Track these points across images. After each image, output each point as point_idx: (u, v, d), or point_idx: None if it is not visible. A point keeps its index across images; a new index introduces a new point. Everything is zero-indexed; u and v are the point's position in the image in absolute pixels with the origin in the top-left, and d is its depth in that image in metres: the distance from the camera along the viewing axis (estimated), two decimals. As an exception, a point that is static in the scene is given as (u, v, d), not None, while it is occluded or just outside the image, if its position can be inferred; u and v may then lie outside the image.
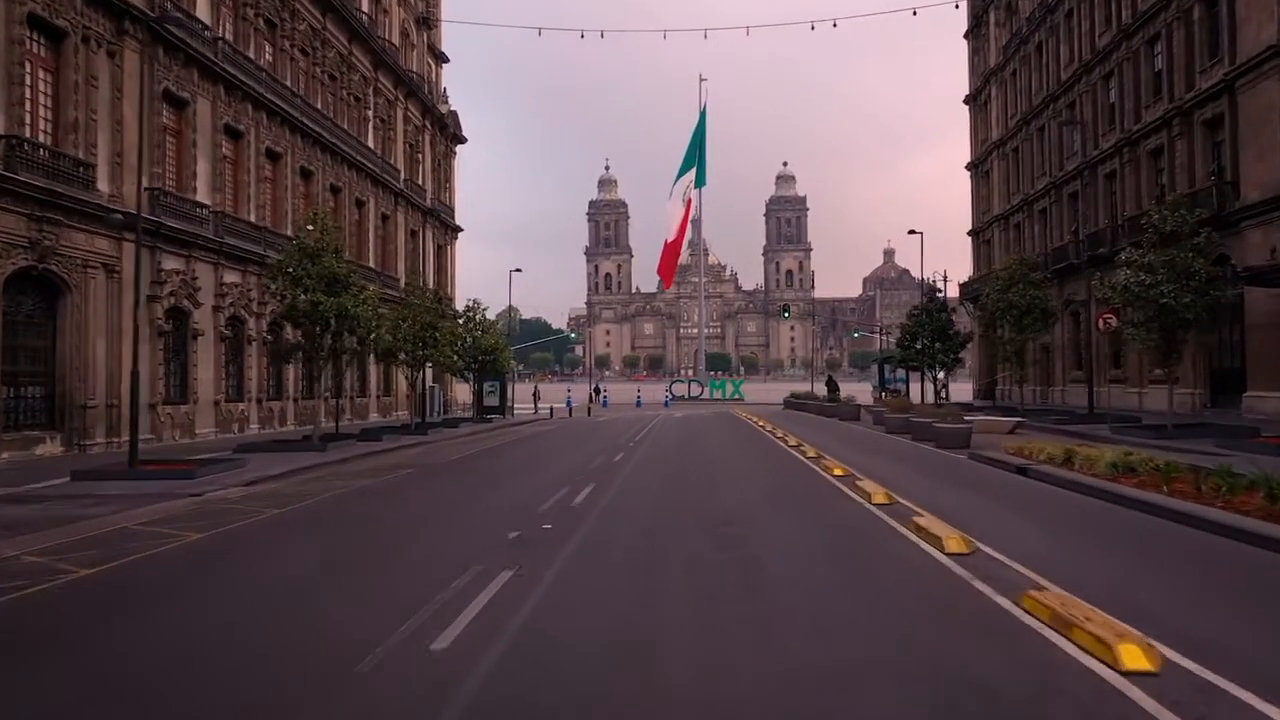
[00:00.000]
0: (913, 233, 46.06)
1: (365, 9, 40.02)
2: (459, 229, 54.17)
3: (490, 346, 38.19)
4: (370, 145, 40.29)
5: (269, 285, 24.35)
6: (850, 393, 47.86)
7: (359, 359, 34.96)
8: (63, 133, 21.16)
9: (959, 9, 55.04)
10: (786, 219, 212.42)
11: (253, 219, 29.41)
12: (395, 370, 37.94)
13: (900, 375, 48.97)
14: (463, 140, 55.20)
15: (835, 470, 15.37)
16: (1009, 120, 48.71)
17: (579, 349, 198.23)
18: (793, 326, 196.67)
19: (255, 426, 29.20)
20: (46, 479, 15.36)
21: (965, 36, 56.58)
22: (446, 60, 53.44)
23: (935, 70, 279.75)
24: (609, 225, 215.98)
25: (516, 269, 54.09)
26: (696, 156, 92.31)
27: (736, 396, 71.83)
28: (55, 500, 13.39)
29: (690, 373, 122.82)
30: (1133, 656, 4.84)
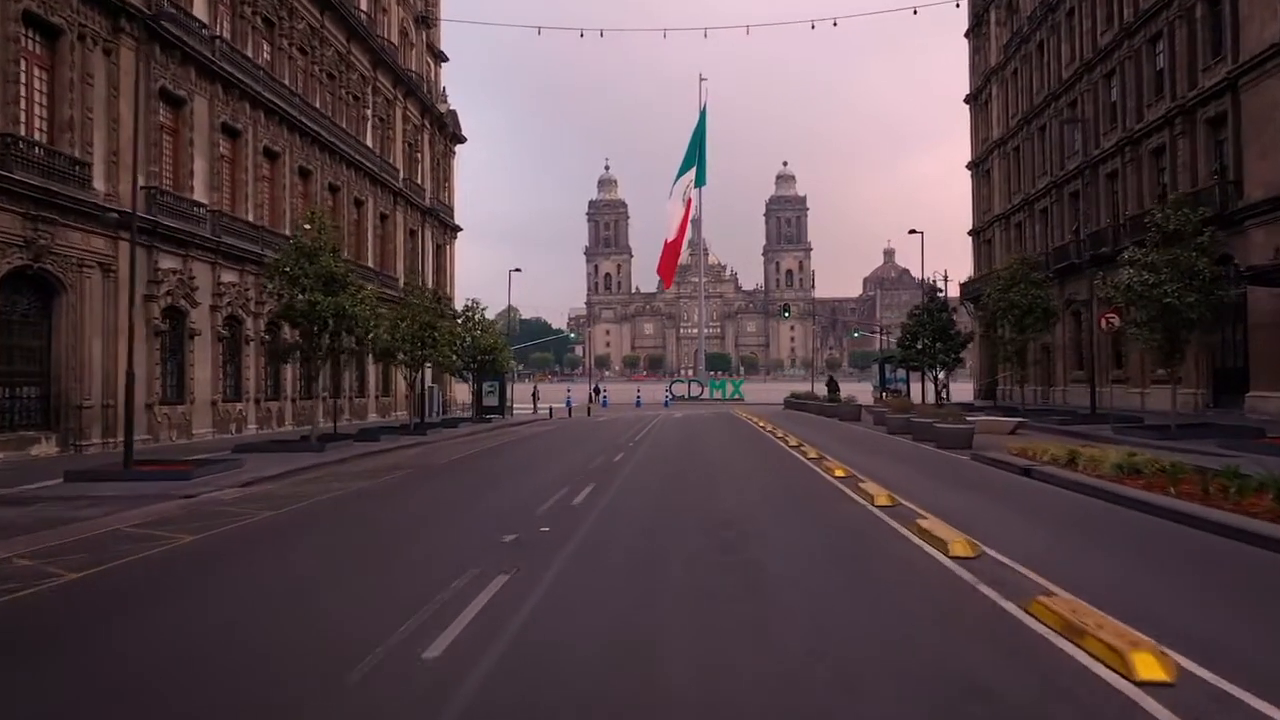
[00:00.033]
0: (913, 232, 45.94)
1: (364, 8, 39.87)
2: (458, 228, 54.03)
3: (489, 346, 38.09)
4: (369, 144, 40.15)
5: (266, 285, 24.23)
6: (850, 393, 47.70)
7: (357, 359, 34.87)
8: (58, 131, 21.02)
9: (959, 8, 54.89)
10: (786, 219, 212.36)
11: (250, 218, 29.26)
12: (394, 370, 37.83)
13: (901, 375, 48.83)
14: (462, 139, 55.06)
15: (837, 471, 15.22)
16: (1010, 119, 48.58)
17: (579, 349, 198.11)
18: (793, 326, 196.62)
19: (253, 427, 29.07)
20: (40, 480, 15.23)
21: (966, 35, 56.45)
22: (446, 59, 53.31)
23: (936, 69, 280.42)
24: (609, 225, 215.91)
25: (516, 269, 54.02)
26: (696, 156, 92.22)
27: (736, 396, 71.69)
28: (48, 501, 13.26)
29: (690, 373, 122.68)
30: (1147, 666, 4.68)
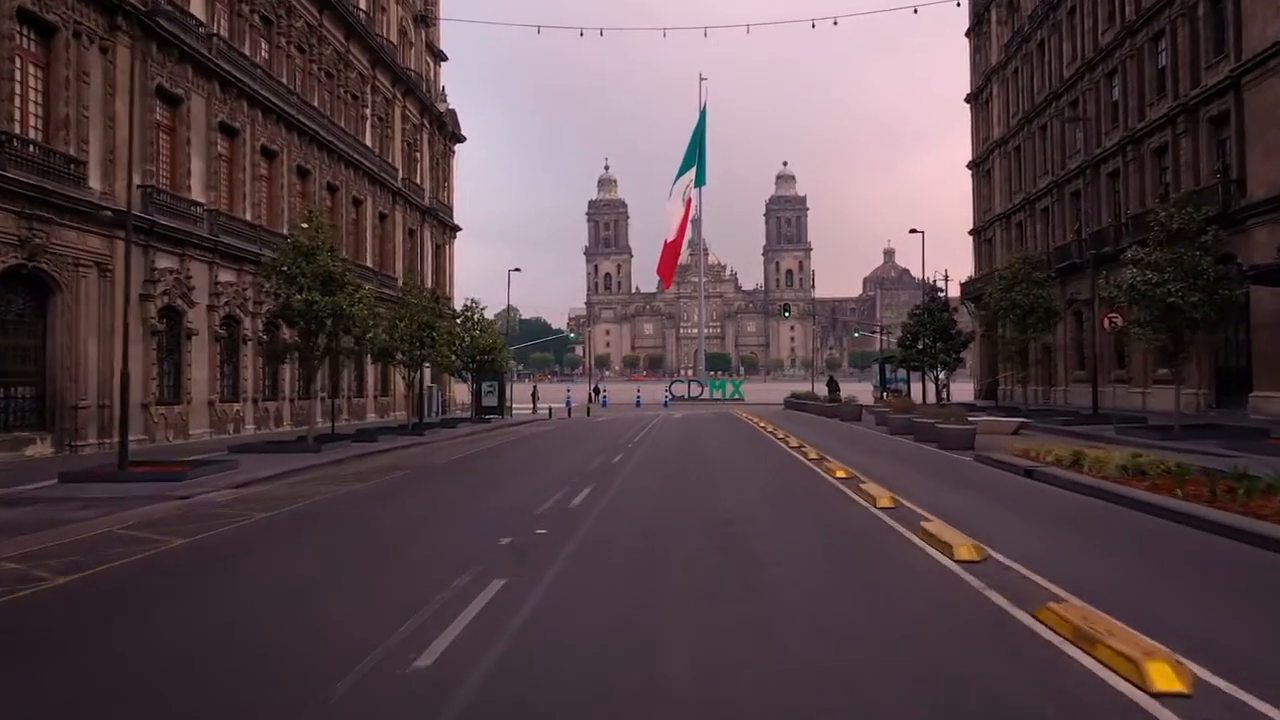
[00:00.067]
0: (914, 232, 45.73)
1: (363, 6, 39.69)
2: (457, 228, 53.87)
3: (488, 346, 37.94)
4: (368, 144, 39.98)
5: (264, 284, 24.07)
6: (851, 393, 47.53)
7: (356, 359, 34.71)
8: (54, 129, 20.85)
9: (960, 7, 54.78)
10: (786, 219, 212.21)
11: (248, 217, 29.09)
12: (393, 370, 37.66)
13: (901, 375, 48.71)
14: (461, 139, 54.90)
15: (838, 472, 15.07)
16: (1011, 119, 48.43)
17: (579, 349, 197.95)
18: (793, 326, 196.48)
19: (251, 427, 28.90)
20: (34, 481, 15.07)
21: (966, 35, 56.29)
22: (445, 58, 53.14)
23: (936, 69, 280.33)
24: (609, 225, 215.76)
25: (515, 269, 53.73)
26: (696, 156, 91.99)
27: (736, 397, 71.53)
28: (41, 503, 13.09)
29: (690, 373, 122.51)
30: (1163, 676, 4.52)
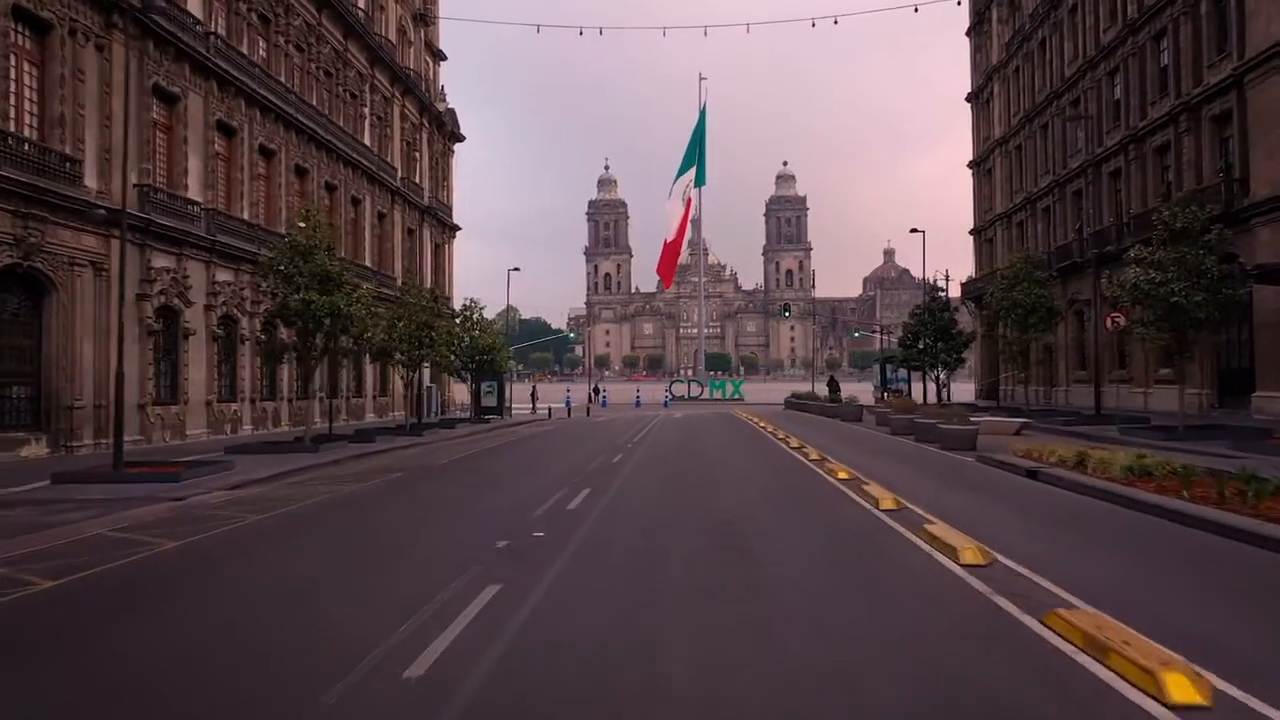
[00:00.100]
0: (914, 231, 45.53)
1: (361, 5, 39.54)
2: (457, 227, 53.71)
3: (488, 346, 37.78)
4: (367, 143, 39.83)
5: (261, 284, 23.92)
6: (851, 393, 47.37)
7: (354, 359, 34.57)
8: (49, 127, 20.70)
9: (960, 6, 54.67)
10: (786, 219, 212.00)
11: (246, 217, 28.93)
12: (391, 370, 37.49)
13: (902, 375, 48.56)
14: (461, 138, 54.73)
15: (840, 473, 14.92)
16: (1012, 118, 48.27)
17: (578, 349, 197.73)
18: (793, 326, 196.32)
19: (248, 427, 28.75)
20: (28, 482, 14.92)
21: (967, 34, 56.15)
22: (444, 58, 52.98)
23: (936, 68, 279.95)
24: (608, 225, 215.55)
25: (515, 268, 53.39)
26: (696, 155, 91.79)
27: (736, 397, 71.37)
28: (33, 504, 12.94)
29: (690, 373, 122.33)
30: (1180, 687, 4.35)
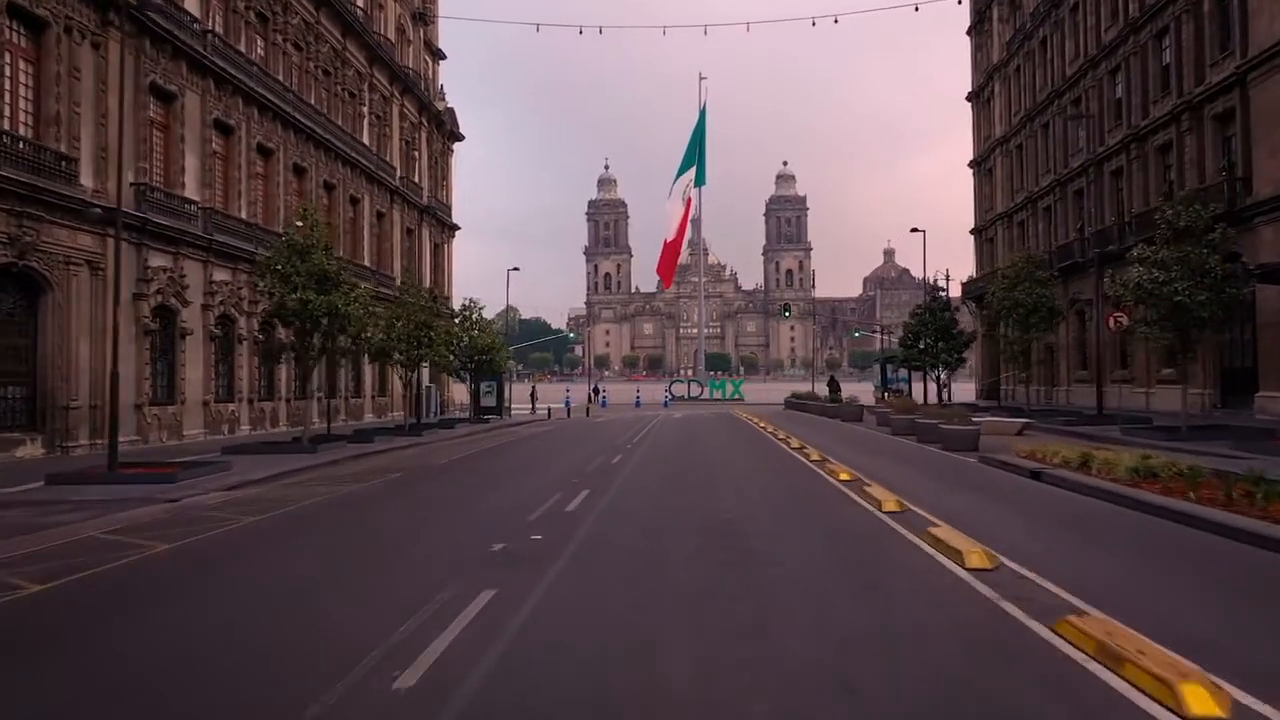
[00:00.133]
0: (915, 230, 45.43)
1: (360, 4, 39.38)
2: (456, 227, 53.55)
3: (487, 346, 37.66)
4: (365, 142, 39.68)
5: (257, 283, 23.78)
6: (852, 393, 47.23)
7: (353, 359, 34.42)
8: (44, 126, 20.55)
9: (961, 5, 54.55)
10: (786, 218, 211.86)
11: (244, 216, 28.78)
12: (390, 370, 37.35)
13: (902, 375, 48.42)
14: (460, 137, 54.58)
15: (841, 474, 14.77)
16: (1012, 117, 48.12)
17: (578, 349, 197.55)
18: (793, 326, 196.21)
19: (246, 427, 28.61)
20: (21, 483, 14.78)
21: (968, 33, 55.99)
22: (443, 57, 52.83)
23: (936, 67, 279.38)
24: (608, 225, 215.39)
25: (514, 268, 53.25)
26: (696, 155, 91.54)
27: (736, 397, 71.21)
28: (26, 506, 12.79)
29: (690, 373, 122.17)
30: (1199, 700, 4.20)
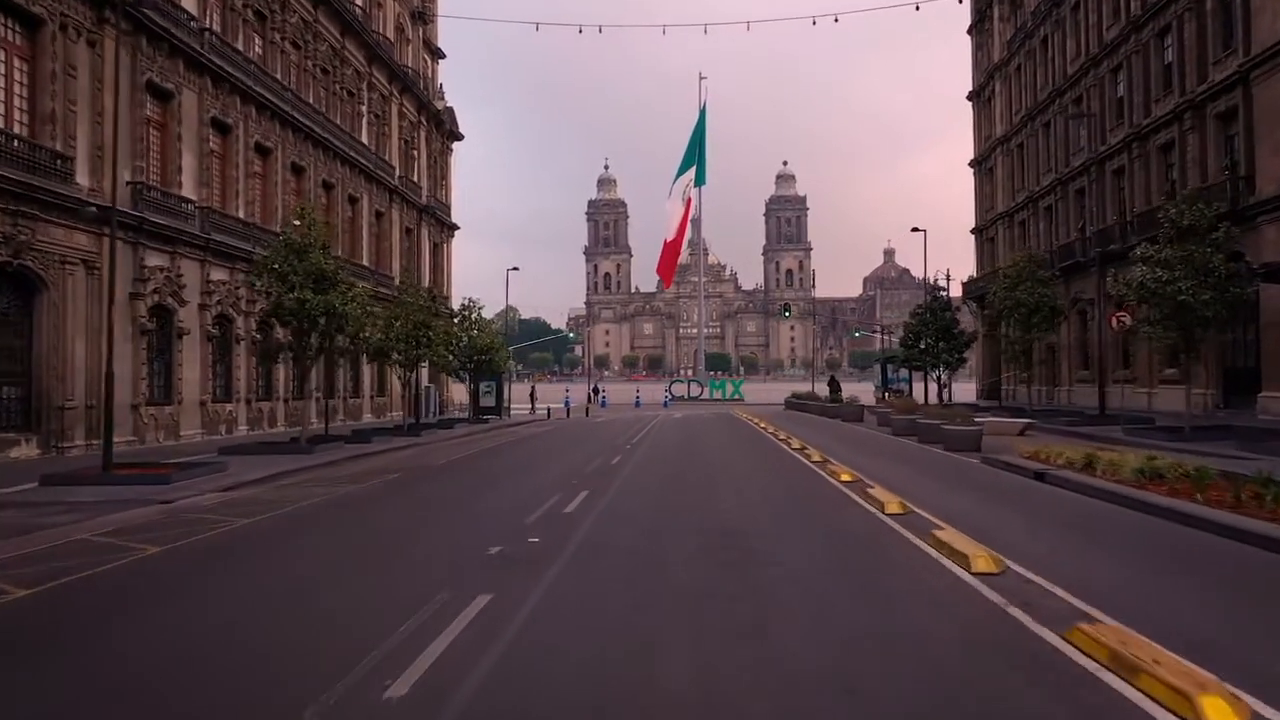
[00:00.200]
0: (916, 230, 45.24)
1: (359, 2, 39.24)
2: (455, 226, 53.40)
3: (486, 346, 37.52)
4: (364, 141, 39.53)
5: (255, 282, 23.63)
6: (852, 393, 47.08)
7: (352, 359, 34.26)
8: (39, 124, 20.40)
9: (962, 4, 54.43)
10: (786, 218, 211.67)
11: (241, 215, 28.64)
12: (389, 370, 37.21)
13: (903, 375, 48.27)
14: (459, 137, 54.43)
15: (843, 476, 14.62)
16: (1013, 116, 47.97)
17: (578, 349, 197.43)
18: (793, 326, 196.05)
19: (244, 428, 28.46)
20: (15, 484, 14.63)
21: (968, 32, 55.84)
22: (443, 56, 52.69)
23: (936, 67, 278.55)
24: (608, 225, 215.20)
25: (514, 268, 53.03)
26: (696, 155, 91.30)
27: (736, 397, 71.04)
28: (18, 507, 12.63)
29: (690, 373, 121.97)
30: (1219, 712, 4.04)
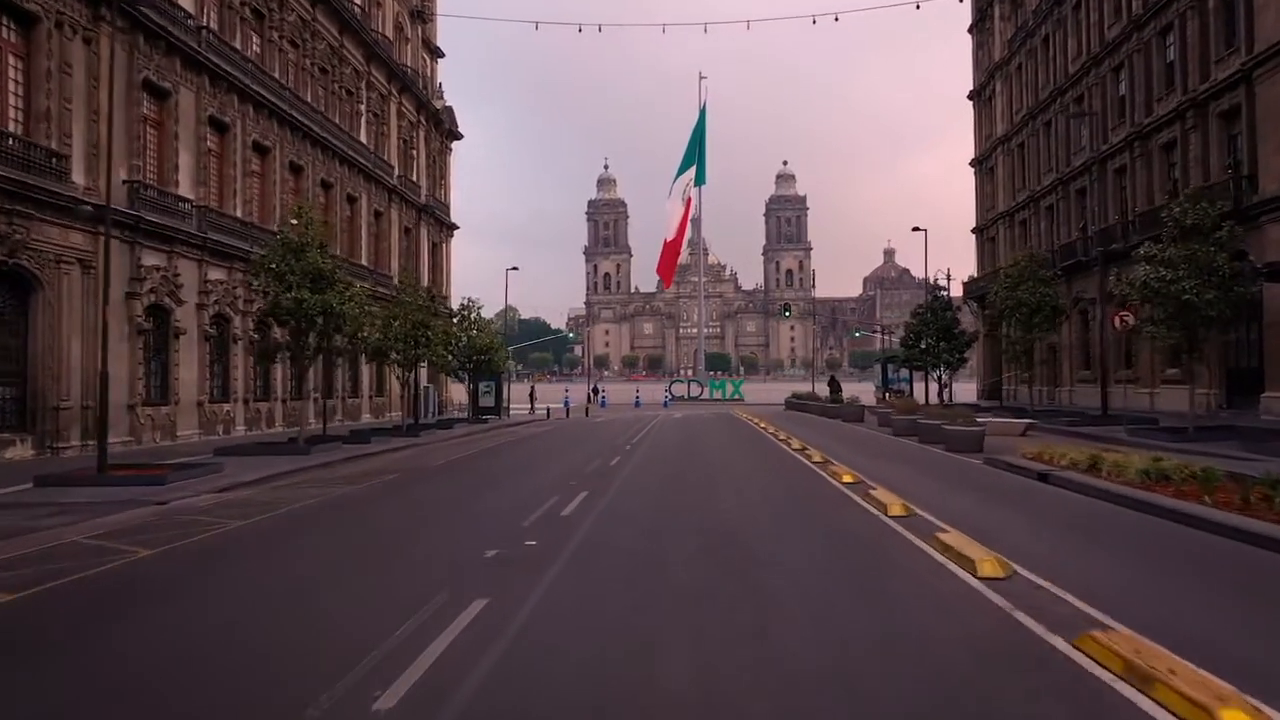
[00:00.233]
0: (916, 230, 45.09)
1: (358, 1, 39.09)
2: (455, 226, 53.24)
3: (485, 346, 37.40)
4: (363, 140, 39.37)
5: (252, 282, 23.50)
6: (852, 393, 46.94)
7: (350, 358, 34.12)
8: (35, 122, 20.25)
9: (962, 2, 54.31)
10: (786, 218, 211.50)
11: (239, 214, 28.48)
12: (388, 370, 37.08)
13: (904, 375, 48.13)
14: (458, 136, 54.27)
15: (845, 477, 14.48)
16: (1014, 115, 47.83)
17: (578, 349, 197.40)
18: (793, 326, 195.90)
19: (241, 428, 28.31)
20: (9, 485, 14.48)
21: (969, 31, 55.70)
22: (442, 55, 52.53)
23: (936, 67, 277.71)
24: (608, 225, 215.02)
25: (513, 267, 52.82)
26: (696, 155, 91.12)
27: (736, 397, 70.89)
28: (11, 509, 12.49)
29: (690, 373, 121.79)
30: (1240, 726, 3.92)
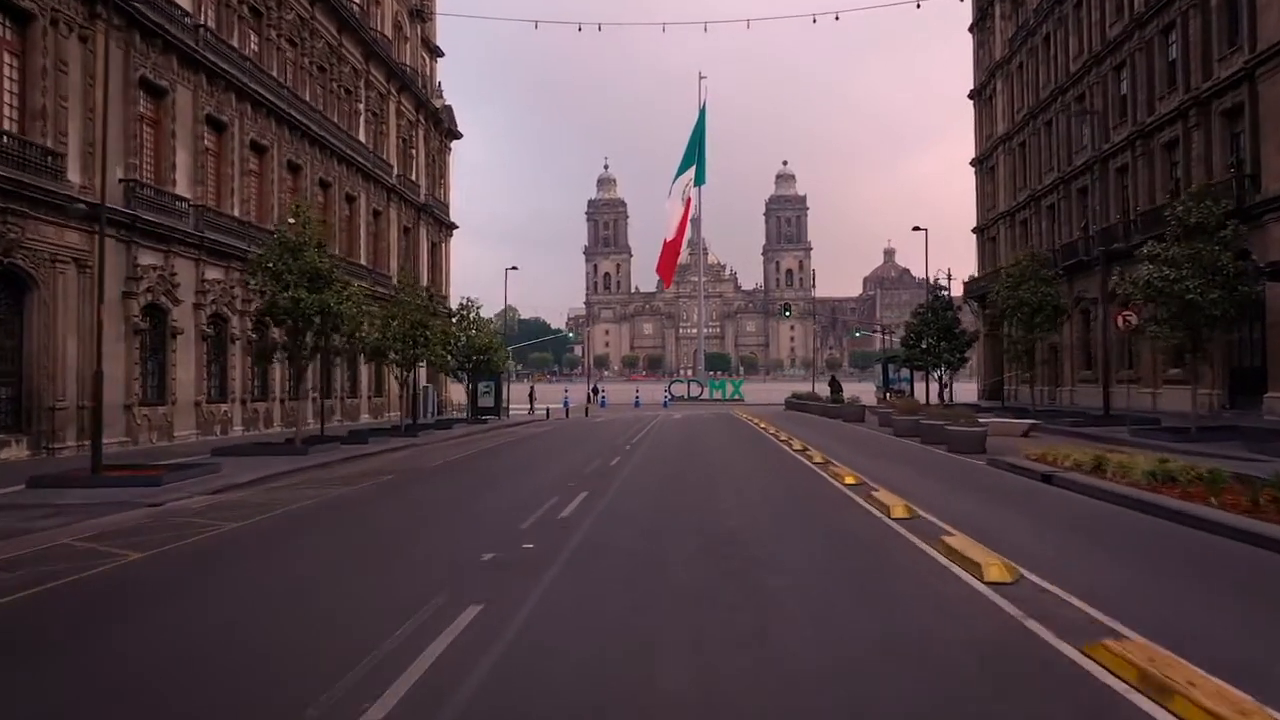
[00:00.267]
0: (916, 229, 44.93)
1: (357, 0, 38.95)
2: (454, 226, 53.10)
3: (484, 345, 37.26)
4: (361, 139, 39.23)
5: (249, 281, 23.36)
6: (852, 393, 46.85)
7: (349, 358, 33.98)
8: (30, 120, 20.09)
9: (963, 2, 54.16)
10: (786, 218, 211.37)
11: (237, 213, 28.34)
12: (387, 370, 36.93)
13: (904, 375, 48.01)
14: (458, 135, 54.13)
15: (846, 478, 14.34)
16: (1015, 115, 47.68)
17: (578, 349, 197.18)
18: (793, 326, 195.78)
19: (239, 428, 28.16)
20: (3, 486, 14.34)
21: (970, 30, 55.55)
22: (441, 54, 52.40)
23: (937, 66, 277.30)
24: (608, 224, 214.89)
25: (512, 267, 52.66)
26: (696, 154, 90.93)
27: (736, 397, 70.75)
28: (4, 510, 12.34)
29: (690, 373, 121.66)
30: (1263, 741, 3.77)
